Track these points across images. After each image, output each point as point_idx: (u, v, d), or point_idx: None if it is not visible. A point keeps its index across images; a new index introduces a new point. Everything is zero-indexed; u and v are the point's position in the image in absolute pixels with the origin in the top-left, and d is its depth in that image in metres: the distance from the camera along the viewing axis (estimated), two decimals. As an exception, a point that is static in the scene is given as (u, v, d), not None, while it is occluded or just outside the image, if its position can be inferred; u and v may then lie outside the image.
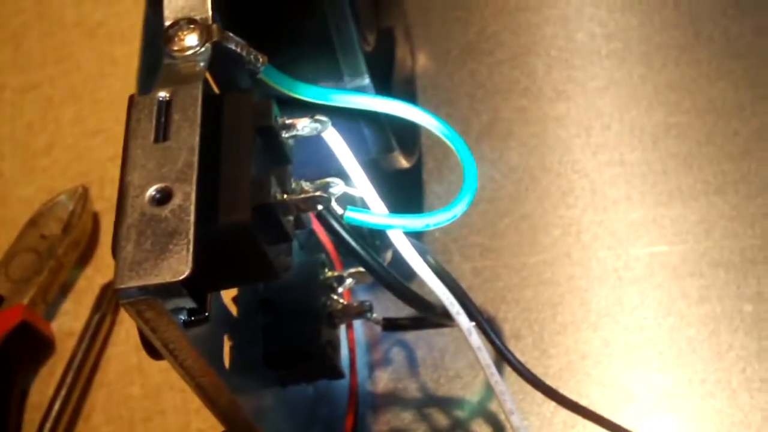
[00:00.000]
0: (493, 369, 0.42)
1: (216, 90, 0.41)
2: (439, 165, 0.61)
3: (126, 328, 0.61)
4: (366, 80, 0.47)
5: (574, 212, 0.58)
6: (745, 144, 0.58)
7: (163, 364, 0.57)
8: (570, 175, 0.59)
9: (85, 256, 0.65)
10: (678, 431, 0.50)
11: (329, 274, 0.48)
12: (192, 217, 0.33)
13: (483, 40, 0.66)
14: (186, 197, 0.33)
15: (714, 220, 0.56)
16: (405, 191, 0.59)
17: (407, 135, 0.56)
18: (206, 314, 0.36)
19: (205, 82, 0.37)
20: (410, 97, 0.63)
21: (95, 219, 0.66)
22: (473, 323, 0.42)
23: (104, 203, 0.67)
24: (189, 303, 0.34)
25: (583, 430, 0.50)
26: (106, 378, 0.59)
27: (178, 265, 0.32)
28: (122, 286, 0.32)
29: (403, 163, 0.54)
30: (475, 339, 0.41)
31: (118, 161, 0.66)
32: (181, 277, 0.32)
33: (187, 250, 0.32)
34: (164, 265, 0.32)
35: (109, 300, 0.61)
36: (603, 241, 0.56)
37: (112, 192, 0.66)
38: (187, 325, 0.35)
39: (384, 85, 0.55)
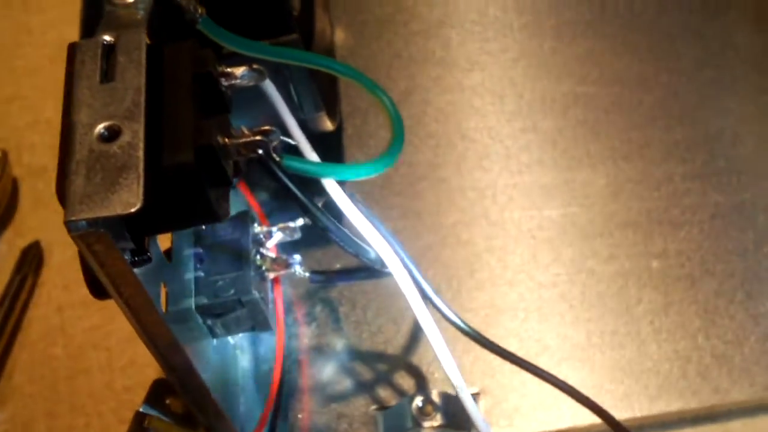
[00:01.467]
0: (431, 322, 0.43)
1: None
2: (358, 131, 0.62)
3: (47, 290, 0.61)
4: (297, 36, 0.48)
5: (490, 176, 0.60)
6: (649, 112, 0.61)
7: (86, 324, 0.59)
8: (485, 141, 0.61)
9: (4, 220, 0.64)
10: (590, 379, 0.53)
11: (258, 228, 0.49)
12: (141, 153, 0.33)
13: (398, 12, 0.68)
14: (134, 134, 0.34)
15: (621, 183, 0.59)
16: (326, 156, 0.60)
17: (330, 98, 0.57)
18: (148, 254, 0.36)
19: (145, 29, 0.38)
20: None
21: (14, 184, 0.66)
22: (409, 275, 0.43)
23: (22, 169, 0.66)
24: (130, 244, 0.35)
25: (502, 379, 0.52)
26: (28, 339, 0.59)
27: (129, 198, 0.33)
28: (73, 218, 0.32)
29: (328, 125, 0.55)
30: (412, 293, 0.42)
31: (36, 128, 0.68)
32: (133, 210, 0.32)
33: (138, 183, 0.33)
34: (115, 198, 0.33)
35: (30, 262, 0.61)
36: (518, 203, 0.59)
37: (30, 158, 0.67)
38: (131, 264, 0.35)
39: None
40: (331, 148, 0.60)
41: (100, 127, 0.34)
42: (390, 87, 0.64)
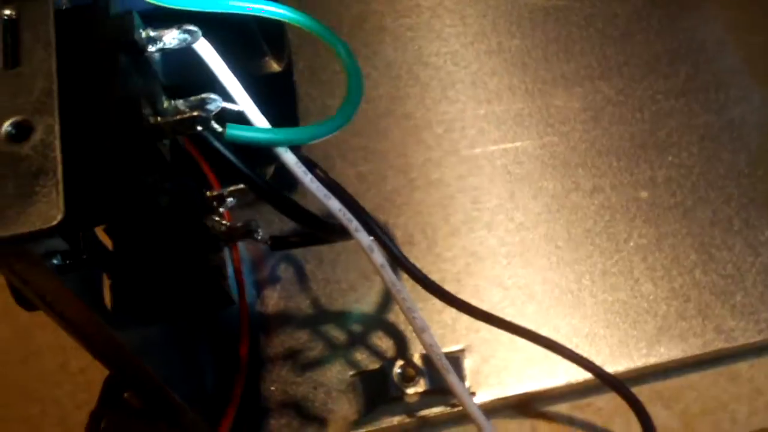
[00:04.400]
0: (400, 285, 0.39)
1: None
2: (310, 65, 0.57)
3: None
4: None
5: (457, 107, 0.55)
6: (626, 25, 0.57)
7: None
8: (449, 68, 0.57)
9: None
10: (582, 326, 0.49)
11: (208, 194, 0.44)
12: (58, 153, 0.29)
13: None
14: (48, 130, 0.29)
15: (600, 105, 0.55)
16: (277, 97, 0.55)
17: (275, 37, 0.52)
18: (83, 256, 0.32)
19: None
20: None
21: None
22: (372, 239, 0.39)
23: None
24: (61, 245, 0.31)
25: (488, 334, 0.48)
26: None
27: (49, 210, 0.28)
28: (-15, 236, 0.28)
29: (275, 67, 0.50)
30: (378, 256, 0.38)
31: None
32: (54, 223, 0.28)
33: (57, 191, 0.28)
34: (32, 211, 0.28)
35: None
36: (489, 136, 0.54)
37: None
38: (62, 270, 0.31)
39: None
40: (280, 89, 0.55)
41: (6, 125, 0.30)
42: (341, 13, 0.59)
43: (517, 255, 0.51)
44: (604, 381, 0.44)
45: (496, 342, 0.48)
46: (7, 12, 0.32)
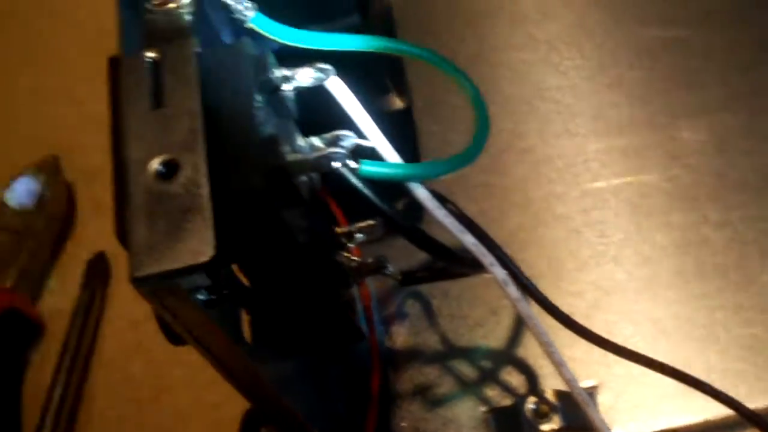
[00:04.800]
0: (536, 320, 0.39)
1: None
2: (428, 102, 0.57)
3: (119, 304, 0.57)
4: (357, 17, 0.43)
5: (578, 141, 0.55)
6: (750, 54, 0.56)
7: (164, 338, 0.55)
8: (568, 101, 0.56)
9: (63, 231, 0.61)
10: (717, 362, 0.48)
11: (338, 230, 0.45)
12: (206, 190, 0.30)
13: (458, -36, 0.63)
14: (195, 168, 0.30)
15: (726, 137, 0.54)
16: (399, 134, 0.56)
17: (396, 74, 0.52)
18: (225, 291, 0.32)
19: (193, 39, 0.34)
20: (389, 34, 0.59)
21: (69, 191, 0.62)
22: (506, 272, 0.39)
23: (76, 173, 0.63)
24: (205, 281, 0.31)
25: (620, 370, 0.48)
26: (105, 357, 0.56)
27: (199, 246, 0.29)
28: (140, 275, 0.29)
29: (399, 104, 0.51)
30: (513, 290, 0.38)
31: (87, 127, 0.64)
32: (204, 259, 0.29)
33: (207, 227, 0.29)
34: (182, 247, 0.29)
35: (97, 276, 0.58)
36: (612, 169, 0.54)
37: (83, 161, 0.63)
38: (207, 305, 0.32)
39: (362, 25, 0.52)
40: (402, 126, 0.56)
41: (155, 163, 0.30)
42: (457, 49, 0.59)
43: (645, 289, 0.50)
44: (747, 417, 0.43)
45: (628, 377, 0.48)
46: (152, 55, 0.33)
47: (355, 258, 0.44)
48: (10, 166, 0.62)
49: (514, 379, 0.49)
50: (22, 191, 0.60)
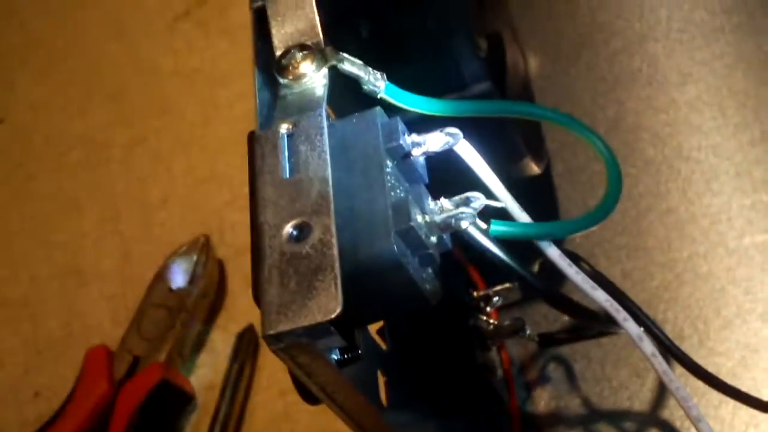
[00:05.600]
0: (672, 375, 0.38)
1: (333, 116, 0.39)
2: (569, 167, 0.58)
3: (267, 375, 0.59)
4: (489, 84, 0.44)
5: (722, 199, 0.54)
6: None
7: (311, 408, 0.56)
8: (711, 160, 0.56)
9: (215, 306, 0.63)
10: None
11: (475, 294, 0.45)
12: (335, 251, 0.30)
13: (595, 30, 0.63)
14: (326, 230, 0.31)
15: None
16: (538, 201, 0.56)
17: (533, 140, 0.53)
18: (358, 351, 0.33)
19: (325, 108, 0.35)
20: (529, 101, 0.60)
21: (220, 267, 0.65)
22: (642, 328, 0.38)
23: (227, 249, 0.65)
24: (339, 342, 0.32)
25: (769, 430, 0.46)
26: (254, 428, 0.57)
27: (328, 303, 0.30)
28: (272, 332, 0.30)
29: (534, 169, 0.51)
30: (648, 345, 0.38)
31: (235, 205, 0.67)
32: (333, 315, 0.29)
33: (335, 285, 0.30)
34: (312, 305, 0.30)
35: (247, 348, 0.60)
36: (758, 225, 0.53)
37: (232, 238, 0.65)
38: (340, 364, 0.32)
39: (500, 93, 0.53)
40: (540, 192, 0.56)
41: (288, 227, 0.32)
42: (597, 115, 0.59)
43: (795, 346, 0.49)
44: None
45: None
46: (285, 125, 0.34)
47: (492, 321, 0.44)
48: (168, 245, 0.65)
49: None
50: (177, 272, 0.63)
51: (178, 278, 0.63)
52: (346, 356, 0.33)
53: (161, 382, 0.58)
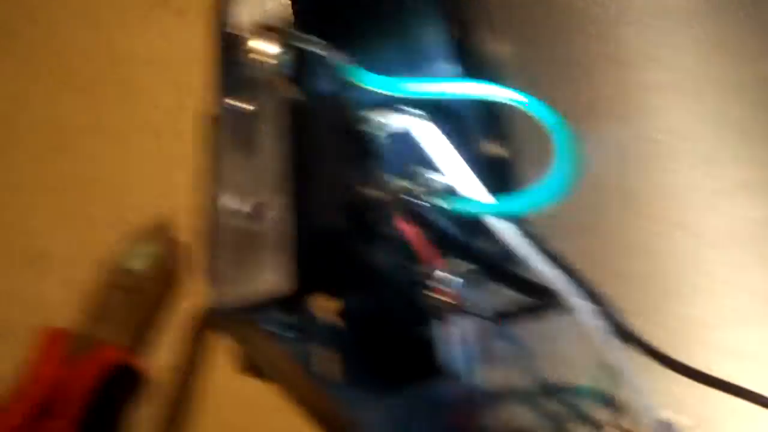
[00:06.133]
0: (621, 352, 0.39)
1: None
2: (538, 151, 0.58)
3: (224, 354, 0.59)
4: (458, 66, 0.44)
5: (677, 177, 0.54)
6: None
7: (268, 387, 0.56)
8: (674, 142, 0.56)
9: (173, 288, 0.63)
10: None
11: (427, 271, 0.45)
12: (290, 229, 0.31)
13: (570, 17, 0.63)
14: (281, 209, 0.31)
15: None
16: (502, 185, 0.56)
17: (499, 123, 0.53)
18: (302, 327, 0.34)
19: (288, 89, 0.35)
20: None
21: (180, 249, 0.64)
22: (593, 305, 0.39)
23: (188, 233, 0.65)
24: (284, 317, 0.32)
25: (722, 404, 0.47)
26: (210, 407, 0.57)
27: (279, 279, 0.30)
28: (219, 305, 0.30)
29: (500, 151, 0.51)
30: (597, 322, 0.38)
31: (198, 190, 0.66)
32: (285, 291, 0.30)
33: (288, 262, 0.30)
34: (262, 280, 0.30)
35: (203, 328, 0.59)
36: (709, 202, 0.53)
37: (193, 221, 0.65)
38: (285, 340, 0.33)
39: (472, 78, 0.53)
40: (501, 174, 0.56)
41: (245, 205, 0.32)
42: (570, 100, 0.59)
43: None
44: None
45: (729, 413, 0.47)
46: (246, 106, 0.34)
47: (445, 297, 0.45)
48: (129, 227, 0.65)
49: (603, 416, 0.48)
50: (135, 255, 0.63)
51: (137, 261, 0.63)
52: (291, 332, 0.33)
53: (117, 363, 0.57)
